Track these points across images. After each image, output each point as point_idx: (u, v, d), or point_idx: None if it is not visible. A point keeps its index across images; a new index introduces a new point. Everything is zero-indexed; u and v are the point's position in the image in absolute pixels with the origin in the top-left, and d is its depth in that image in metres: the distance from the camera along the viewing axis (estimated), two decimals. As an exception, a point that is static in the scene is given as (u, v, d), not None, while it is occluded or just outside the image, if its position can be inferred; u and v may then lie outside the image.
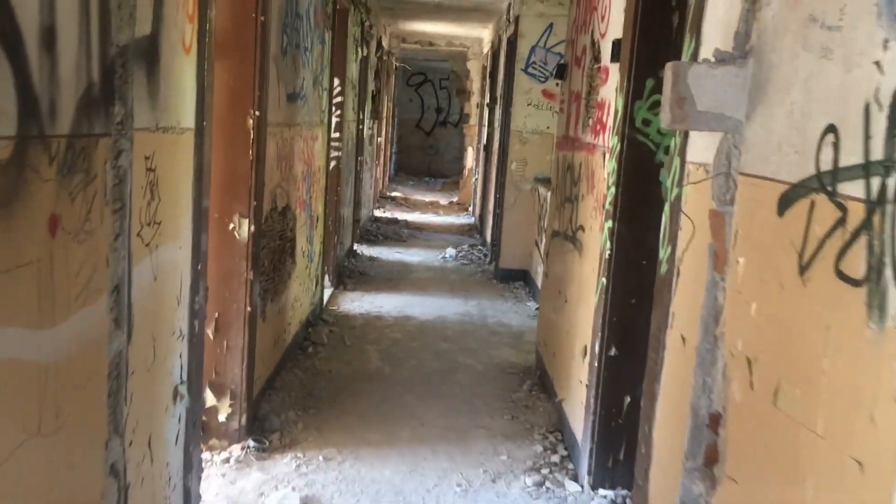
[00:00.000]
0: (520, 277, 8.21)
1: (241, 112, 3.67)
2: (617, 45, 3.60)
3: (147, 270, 2.38)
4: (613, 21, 3.85)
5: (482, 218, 11.24)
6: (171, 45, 2.47)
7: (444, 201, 15.64)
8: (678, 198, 2.55)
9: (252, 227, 3.75)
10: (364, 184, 10.44)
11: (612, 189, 3.50)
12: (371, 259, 9.13)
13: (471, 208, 13.79)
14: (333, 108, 7.11)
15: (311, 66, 5.30)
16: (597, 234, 3.86)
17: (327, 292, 7.13)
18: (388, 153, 17.24)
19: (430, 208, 14.45)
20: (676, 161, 2.57)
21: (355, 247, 9.53)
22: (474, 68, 14.29)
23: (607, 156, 3.76)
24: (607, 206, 3.58)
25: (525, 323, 6.74)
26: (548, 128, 8.05)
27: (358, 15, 8.16)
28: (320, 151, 6.04)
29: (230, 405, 3.82)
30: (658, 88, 3.38)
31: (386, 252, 9.68)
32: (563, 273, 4.70)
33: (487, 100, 11.49)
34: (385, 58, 13.19)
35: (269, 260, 4.38)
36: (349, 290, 7.55)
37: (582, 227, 4.24)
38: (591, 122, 4.23)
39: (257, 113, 3.69)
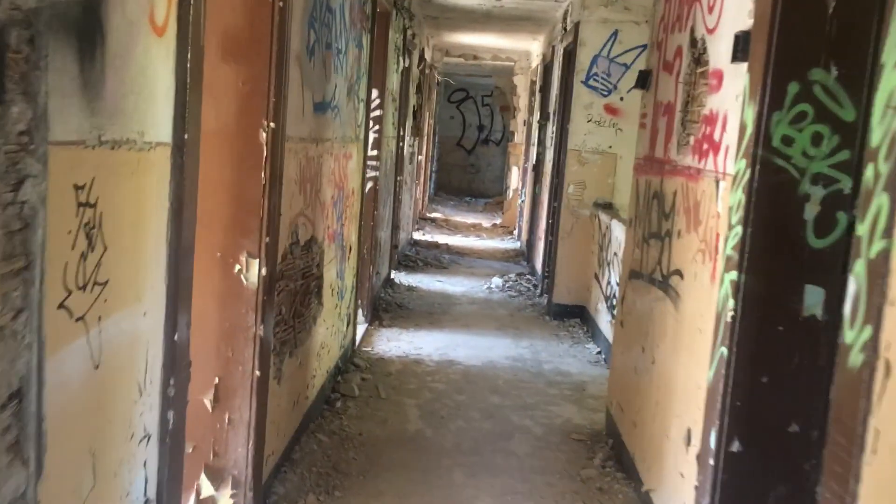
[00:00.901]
0: (576, 314, 7.32)
1: (251, 123, 2.87)
2: (744, 39, 2.73)
3: (79, 358, 1.56)
4: (731, 11, 2.99)
5: (530, 244, 10.37)
6: (128, 19, 1.66)
7: (486, 223, 14.80)
8: (884, 255, 1.68)
9: (264, 270, 2.94)
10: (403, 206, 9.65)
11: (738, 230, 2.62)
12: (410, 289, 8.30)
13: (516, 232, 12.92)
14: (371, 123, 6.33)
15: (346, 73, 4.51)
16: (705, 285, 2.98)
17: (361, 329, 6.31)
18: (429, 172, 16.48)
19: (472, 231, 13.62)
20: (882, 200, 1.70)
21: (393, 275, 8.72)
22: (521, 83, 13.47)
23: (723, 184, 2.88)
24: (729, 251, 2.70)
25: (586, 370, 5.85)
26: (610, 147, 7.18)
27: (400, 21, 7.39)
28: (355, 171, 5.24)
29: (232, 496, 2.99)
30: (806, 95, 2.51)
31: (426, 281, 8.86)
32: (647, 325, 3.82)
33: (537, 116, 10.65)
34: (427, 71, 12.43)
35: (288, 305, 3.57)
36: (385, 325, 6.72)
37: (679, 273, 3.36)
38: (691, 140, 3.35)
39: (272, 125, 2.89)
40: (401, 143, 8.70)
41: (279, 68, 2.92)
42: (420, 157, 12.69)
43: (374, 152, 6.45)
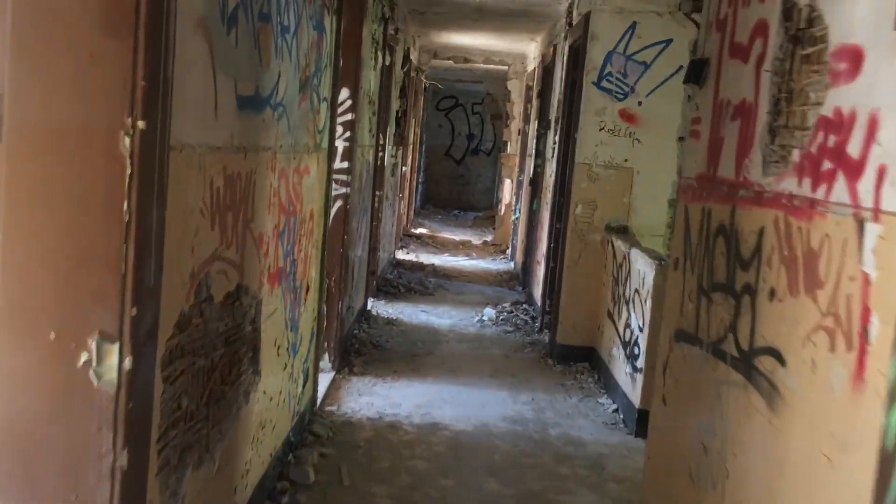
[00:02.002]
0: (584, 357, 6.20)
1: (103, 121, 1.74)
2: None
3: None
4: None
5: (526, 267, 9.26)
6: None
7: (476, 240, 13.68)
8: None
9: (128, 360, 1.81)
10: (384, 224, 8.52)
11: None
12: (389, 323, 7.15)
13: (509, 251, 11.81)
14: (340, 129, 5.21)
15: (297, 60, 3.39)
16: (839, 388, 1.86)
17: (325, 380, 5.17)
18: (415, 184, 15.35)
19: (460, 249, 12.49)
20: None
21: (370, 305, 7.58)
22: (515, 89, 12.38)
23: (875, 228, 1.78)
24: (910, 347, 1.59)
25: (602, 437, 4.73)
26: (626, 161, 6.08)
27: (378, 8, 6.27)
28: (315, 189, 4.11)
29: None
30: None
31: (408, 311, 7.71)
32: (711, 415, 2.69)
33: (535, 125, 9.56)
34: (414, 74, 11.32)
35: (196, 391, 2.43)
36: (357, 373, 5.57)
37: (776, 355, 2.24)
38: (793, 155, 2.25)
39: (141, 124, 1.76)
40: (381, 153, 7.59)
41: (156, 34, 1.79)
42: (405, 168, 11.58)
43: (345, 164, 5.32)
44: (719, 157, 2.87)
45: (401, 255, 11.15)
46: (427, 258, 11.12)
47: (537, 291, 7.89)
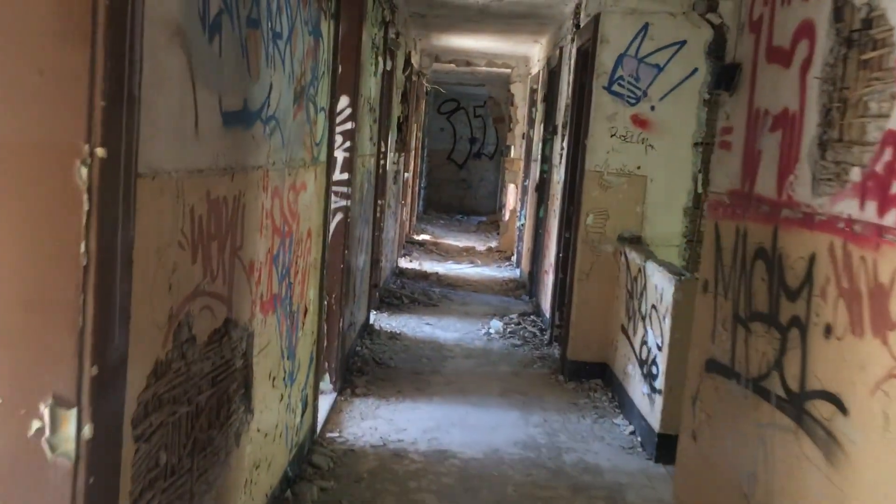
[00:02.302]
0: (596, 373, 5.93)
1: (55, 146, 1.47)
2: None
3: None
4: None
5: (533, 276, 8.99)
6: None
7: (480, 246, 13.40)
8: None
9: (88, 428, 1.54)
10: (386, 233, 8.26)
11: None
12: (392, 337, 6.88)
13: (514, 258, 11.54)
14: (340, 139, 4.95)
15: (291, 69, 3.12)
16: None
17: (327, 402, 4.90)
18: (417, 189, 15.08)
19: (464, 256, 12.21)
20: None
21: (372, 318, 7.31)
22: (519, 92, 12.11)
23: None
24: None
25: (620, 463, 4.45)
26: (638, 168, 5.80)
27: (378, 11, 6.01)
28: (313, 205, 3.85)
29: None
30: None
31: (412, 324, 7.44)
32: (752, 460, 2.42)
33: (540, 130, 9.29)
34: (415, 78, 11.07)
35: (178, 443, 2.16)
36: (359, 394, 5.30)
37: (839, 403, 1.97)
38: (852, 174, 1.98)
39: (100, 151, 1.49)
40: (382, 161, 7.34)
41: (118, 42, 1.52)
42: (407, 174, 11.32)
43: (345, 176, 5.06)
44: (756, 172, 2.60)
45: (404, 263, 10.88)
46: (431, 266, 10.85)
47: (545, 302, 7.62)
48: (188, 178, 2.03)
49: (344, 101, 5.00)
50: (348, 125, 5.05)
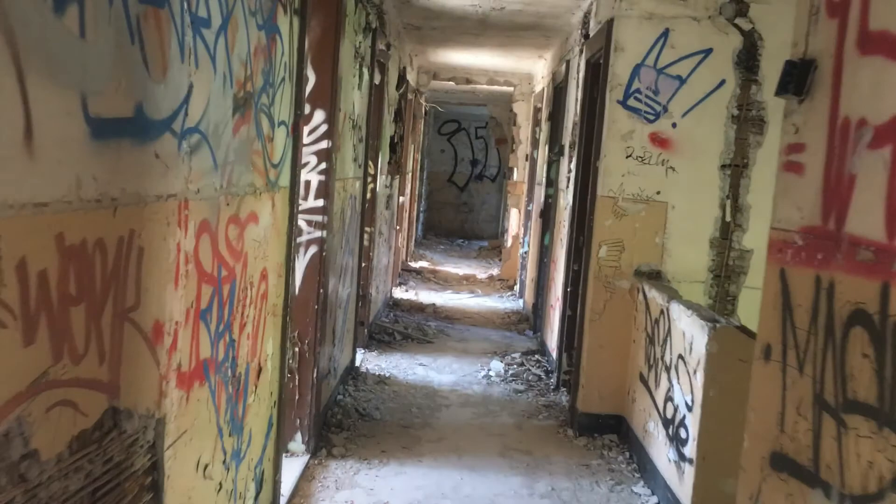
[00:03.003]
0: (611, 427, 5.19)
1: None
2: None
3: None
4: None
5: (537, 309, 8.27)
6: None
7: (481, 274, 12.68)
8: None
9: None
10: (377, 263, 7.55)
11: None
12: (381, 381, 6.15)
13: (517, 287, 10.82)
14: (313, 159, 4.26)
15: (226, 68, 2.42)
16: None
17: (296, 468, 4.17)
18: (415, 213, 14.38)
19: (464, 285, 11.49)
20: None
21: (359, 358, 6.58)
22: (522, 112, 11.45)
23: None
24: None
25: (644, 547, 3.71)
26: (658, 193, 5.10)
27: (362, 15, 5.33)
28: (271, 240, 3.14)
29: None
30: None
31: (404, 365, 6.71)
32: None
33: (544, 151, 8.61)
34: (412, 96, 10.41)
35: None
36: (336, 455, 4.56)
37: None
38: None
39: None
40: (371, 185, 6.66)
41: None
42: (402, 198, 10.63)
43: (319, 202, 4.36)
44: (847, 205, 1.89)
45: (399, 293, 10.17)
46: (427, 296, 10.13)
47: (551, 340, 6.90)
48: (15, 219, 1.32)
49: (319, 115, 4.31)
50: (324, 144, 4.36)
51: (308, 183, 4.28)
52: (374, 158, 6.87)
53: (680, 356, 4.09)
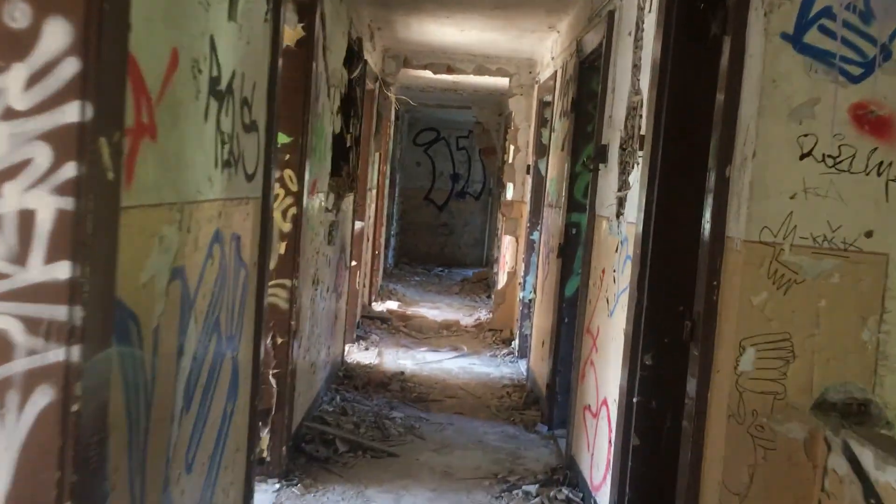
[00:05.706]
0: None
1: None
2: None
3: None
4: None
5: (554, 392, 5.52)
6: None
7: (466, 318, 9.90)
8: None
9: None
10: (316, 325, 4.75)
11: None
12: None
13: (515, 343, 8.04)
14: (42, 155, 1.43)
15: None
16: None
17: None
18: (383, 240, 11.56)
19: (444, 337, 8.69)
20: None
21: (265, 514, 3.77)
22: (521, 109, 8.70)
23: None
24: None
25: None
26: (869, 235, 2.35)
27: None
28: None
29: None
30: None
31: (344, 518, 3.90)
32: None
33: (567, 159, 5.89)
34: (373, 85, 7.66)
35: None
36: None
37: None
38: None
39: None
40: (293, 210, 3.93)
41: None
42: (361, 223, 7.86)
43: (58, 269, 1.56)
44: None
45: (355, 354, 7.37)
46: (394, 359, 7.34)
47: (588, 457, 4.14)
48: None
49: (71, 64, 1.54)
50: (71, 110, 1.58)
51: (28, 218, 1.51)
52: (298, 166, 4.12)
53: None
